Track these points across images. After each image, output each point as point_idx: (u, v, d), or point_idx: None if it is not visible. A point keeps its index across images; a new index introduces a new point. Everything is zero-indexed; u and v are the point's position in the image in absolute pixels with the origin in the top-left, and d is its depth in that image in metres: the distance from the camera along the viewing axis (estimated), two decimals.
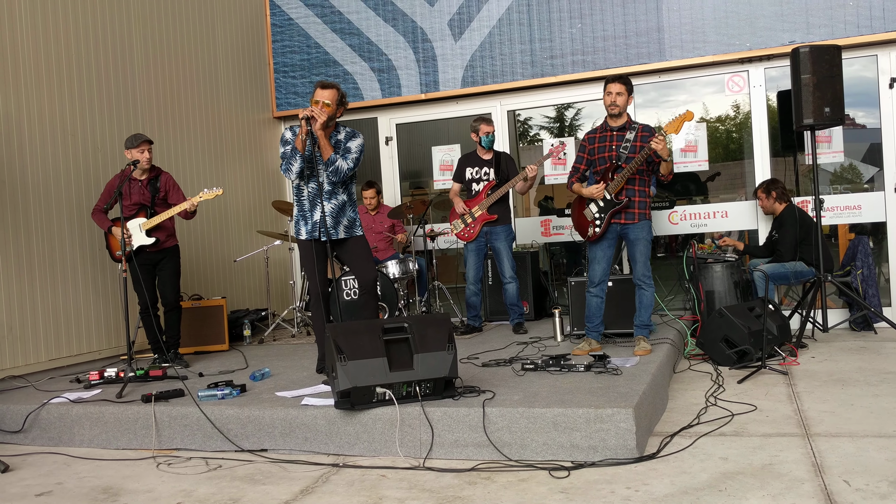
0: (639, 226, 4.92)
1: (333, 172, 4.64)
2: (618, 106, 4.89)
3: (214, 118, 7.53)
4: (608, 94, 4.90)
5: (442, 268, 7.71)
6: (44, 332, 5.63)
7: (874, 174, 6.86)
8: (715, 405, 4.14)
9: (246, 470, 3.59)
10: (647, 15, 7.05)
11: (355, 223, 4.87)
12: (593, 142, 5.06)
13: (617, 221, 4.93)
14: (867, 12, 6.44)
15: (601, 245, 5.01)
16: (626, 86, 4.90)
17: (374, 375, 3.65)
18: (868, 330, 6.28)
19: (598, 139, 5.03)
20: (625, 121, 4.97)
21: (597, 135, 5.06)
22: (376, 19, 7.93)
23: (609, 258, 5.04)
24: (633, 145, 4.88)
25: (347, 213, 4.82)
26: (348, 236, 4.82)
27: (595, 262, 5.04)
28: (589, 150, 5.07)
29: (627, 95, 4.91)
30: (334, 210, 4.75)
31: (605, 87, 4.93)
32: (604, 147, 4.99)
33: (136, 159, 5.24)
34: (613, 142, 4.95)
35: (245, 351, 6.10)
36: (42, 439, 4.28)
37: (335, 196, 4.76)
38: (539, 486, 3.11)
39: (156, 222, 5.32)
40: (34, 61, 5.68)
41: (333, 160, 4.63)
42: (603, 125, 5.06)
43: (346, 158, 4.68)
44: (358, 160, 4.74)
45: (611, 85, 4.90)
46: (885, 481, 2.91)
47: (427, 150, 8.16)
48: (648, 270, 4.97)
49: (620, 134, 4.94)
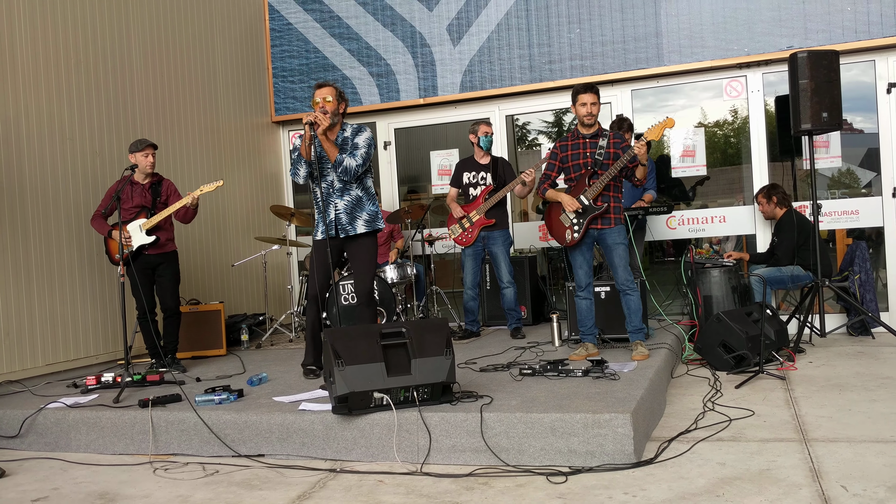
0: (615, 230, 4.97)
1: (343, 172, 4.63)
2: (594, 115, 4.96)
3: (213, 122, 7.53)
4: (583, 104, 4.95)
5: (440, 272, 7.71)
6: (41, 337, 5.62)
7: (872, 179, 6.86)
8: (713, 410, 4.14)
9: (243, 475, 3.59)
10: (646, 20, 7.06)
11: (377, 217, 4.84)
12: (566, 149, 5.09)
13: (594, 227, 4.98)
14: (865, 18, 6.46)
15: (580, 249, 5.05)
16: (597, 95, 4.97)
17: (371, 380, 3.64)
18: (866, 335, 6.28)
19: (571, 146, 5.07)
20: (596, 128, 5.03)
21: (568, 142, 5.09)
22: (375, 24, 7.94)
23: (590, 261, 5.10)
24: (607, 151, 4.94)
25: (366, 207, 4.80)
26: (369, 230, 4.78)
27: (578, 267, 5.09)
28: (561, 157, 5.11)
29: (599, 104, 4.99)
30: (348, 206, 4.74)
31: (577, 98, 4.97)
32: (577, 154, 5.03)
33: (134, 164, 5.26)
34: (587, 149, 5.00)
35: (242, 356, 6.10)
36: (38, 444, 4.27)
37: (348, 192, 4.75)
38: (536, 492, 3.10)
39: (157, 220, 5.34)
40: (32, 65, 5.69)
41: (340, 161, 4.62)
42: (574, 133, 5.10)
43: (354, 156, 4.67)
44: (368, 155, 4.73)
45: (584, 95, 4.94)
46: (883, 486, 2.91)
47: (425, 154, 8.16)
48: (630, 275, 5.00)
49: (594, 141, 5.00)
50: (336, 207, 4.68)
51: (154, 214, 5.38)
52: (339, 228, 4.74)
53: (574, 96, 4.99)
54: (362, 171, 4.73)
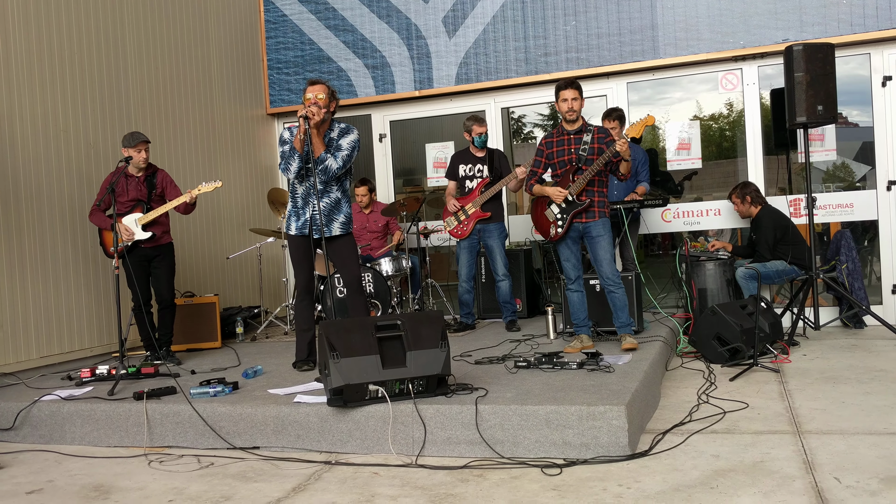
0: (599, 223, 4.99)
1: (323, 171, 4.64)
2: (575, 111, 4.98)
3: (208, 115, 7.50)
4: (563, 100, 4.97)
5: (435, 265, 7.70)
6: (35, 330, 5.61)
7: (867, 172, 6.88)
8: (707, 403, 4.15)
9: (238, 467, 3.59)
10: (642, 12, 7.05)
11: (350, 220, 4.89)
12: (551, 146, 5.11)
13: (578, 221, 5.01)
14: (860, 11, 6.46)
15: (566, 243, 5.08)
16: (578, 91, 4.98)
17: (366, 373, 3.64)
18: (859, 326, 6.32)
19: (556, 143, 5.09)
20: (580, 124, 5.05)
21: (554, 139, 5.12)
22: (370, 16, 7.91)
23: (577, 254, 5.12)
24: (591, 147, 4.96)
25: (343, 209, 4.84)
26: (344, 233, 4.82)
27: (565, 260, 5.12)
28: (547, 153, 5.13)
29: (581, 99, 4.99)
30: (327, 208, 4.75)
31: (559, 94, 4.98)
32: (563, 150, 5.05)
33: (129, 156, 5.24)
34: (572, 145, 5.02)
35: (237, 348, 6.09)
36: (33, 437, 4.26)
37: (328, 194, 4.77)
38: (531, 484, 3.11)
39: (153, 217, 5.32)
40: (26, 58, 5.65)
41: (323, 158, 4.63)
42: (559, 129, 5.12)
43: (336, 157, 4.67)
44: (349, 157, 4.73)
45: (565, 91, 4.96)
46: (876, 478, 2.92)
47: (421, 147, 8.15)
48: (615, 271, 5.01)
49: (578, 137, 5.02)
50: (314, 208, 4.69)
51: (150, 208, 5.36)
52: (315, 228, 4.75)
53: (556, 92, 5.01)
54: (341, 172, 4.74)
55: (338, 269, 4.93)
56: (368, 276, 6.45)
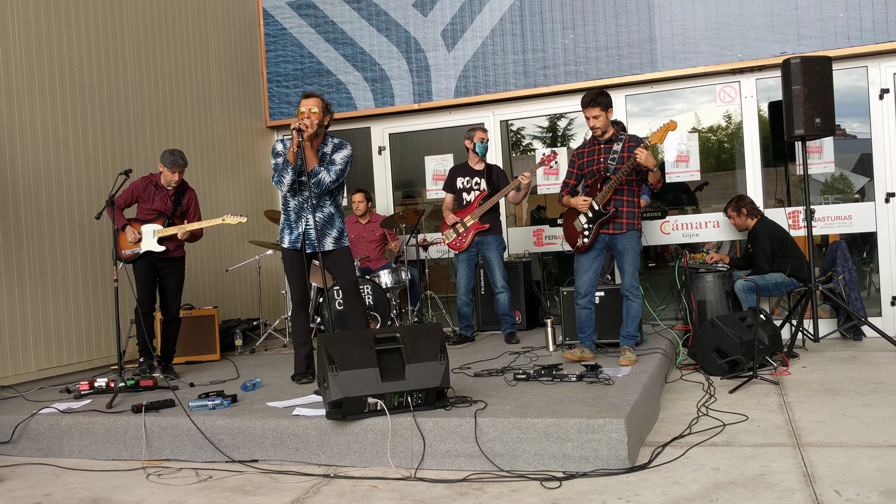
0: (627, 236, 4.95)
1: (315, 185, 4.64)
2: (599, 128, 4.98)
3: (207, 127, 7.53)
4: (587, 118, 4.98)
5: (434, 277, 7.71)
6: (34, 342, 5.60)
7: (865, 184, 6.89)
8: (706, 415, 4.14)
9: (236, 481, 3.58)
10: (640, 26, 7.08)
11: (343, 234, 4.88)
12: (582, 157, 5.12)
13: (605, 232, 4.97)
14: (857, 24, 6.49)
15: (588, 255, 5.04)
16: (600, 106, 4.93)
17: (365, 386, 3.63)
18: (857, 336, 6.31)
19: (587, 153, 5.10)
20: (611, 133, 5.03)
21: (585, 149, 5.13)
22: (370, 29, 7.95)
23: (596, 269, 5.07)
24: (620, 156, 4.94)
25: (336, 224, 4.83)
26: (336, 247, 4.82)
27: (582, 273, 5.06)
28: (578, 164, 5.14)
29: (605, 112, 4.96)
30: (320, 222, 4.75)
31: (583, 111, 4.98)
32: (593, 161, 5.05)
33: (129, 169, 5.23)
34: (602, 154, 5.02)
35: (236, 361, 6.08)
36: (31, 450, 4.24)
37: (321, 209, 4.76)
38: (530, 497, 3.10)
39: (171, 232, 5.32)
40: (26, 70, 5.67)
41: (317, 172, 4.63)
42: (591, 139, 5.12)
43: (330, 171, 4.68)
44: (342, 172, 4.73)
45: (588, 110, 4.96)
46: (876, 491, 2.92)
47: (420, 159, 8.17)
48: (636, 281, 5.00)
49: (608, 146, 5.02)
50: (307, 223, 4.69)
51: (171, 222, 5.38)
52: (308, 243, 4.74)
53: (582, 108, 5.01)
54: (334, 186, 4.75)
55: (334, 277, 4.92)
56: (367, 289, 6.45)
